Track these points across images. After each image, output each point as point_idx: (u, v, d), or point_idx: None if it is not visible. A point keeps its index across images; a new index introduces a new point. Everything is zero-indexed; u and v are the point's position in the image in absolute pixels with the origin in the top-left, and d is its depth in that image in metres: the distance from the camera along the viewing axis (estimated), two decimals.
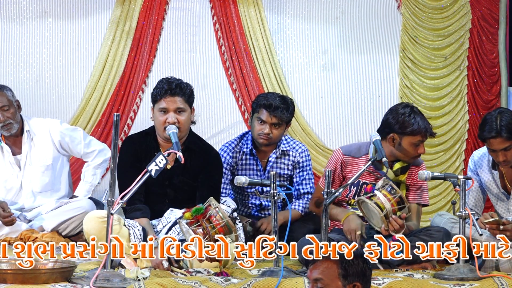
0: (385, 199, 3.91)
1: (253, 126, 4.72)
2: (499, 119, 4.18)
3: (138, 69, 6.32)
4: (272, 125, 4.65)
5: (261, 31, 6.42)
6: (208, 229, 3.64)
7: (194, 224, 3.66)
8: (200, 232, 3.65)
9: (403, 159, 4.30)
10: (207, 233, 3.64)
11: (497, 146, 4.20)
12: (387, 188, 3.97)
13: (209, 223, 3.67)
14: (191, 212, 3.71)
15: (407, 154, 4.28)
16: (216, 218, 3.68)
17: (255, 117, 4.71)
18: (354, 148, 4.42)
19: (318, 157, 6.52)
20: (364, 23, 6.62)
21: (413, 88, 6.66)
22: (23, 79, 6.24)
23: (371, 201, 3.92)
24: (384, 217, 3.90)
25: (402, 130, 4.24)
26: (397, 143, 4.27)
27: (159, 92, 4.28)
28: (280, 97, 4.71)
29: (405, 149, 4.26)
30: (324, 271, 2.92)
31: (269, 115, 4.63)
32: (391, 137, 4.29)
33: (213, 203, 3.72)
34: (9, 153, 5.02)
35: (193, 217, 3.70)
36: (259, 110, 4.66)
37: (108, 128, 6.23)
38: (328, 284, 2.91)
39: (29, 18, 6.23)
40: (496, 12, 6.70)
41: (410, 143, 4.25)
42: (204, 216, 3.67)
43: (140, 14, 6.29)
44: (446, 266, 3.97)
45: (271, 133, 4.64)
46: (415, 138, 4.25)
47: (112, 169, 3.56)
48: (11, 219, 4.69)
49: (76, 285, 3.42)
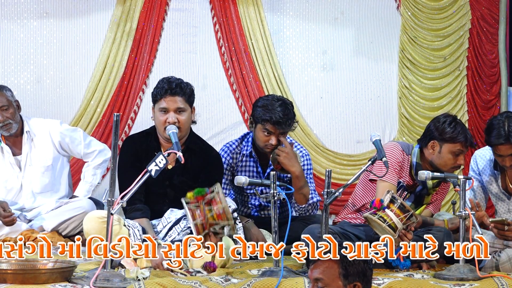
0: (397, 220, 3.84)
1: (258, 136, 4.63)
2: (506, 125, 4.15)
3: (139, 70, 6.32)
4: (279, 134, 4.62)
5: (261, 32, 6.43)
6: (205, 212, 3.66)
7: (193, 205, 3.69)
8: (198, 214, 3.67)
9: (441, 170, 4.29)
10: (204, 218, 3.66)
11: (505, 152, 4.18)
12: (397, 204, 3.87)
13: (208, 206, 3.68)
14: (193, 192, 3.73)
15: (446, 163, 4.26)
16: (216, 205, 3.70)
17: (259, 128, 4.60)
18: (405, 147, 4.44)
19: (317, 158, 6.52)
20: (364, 24, 6.62)
21: (412, 88, 6.67)
22: (24, 80, 6.24)
23: (385, 224, 3.83)
24: (397, 235, 3.87)
25: (442, 136, 4.25)
26: (437, 151, 4.27)
27: (159, 91, 4.28)
28: (281, 107, 4.57)
29: (444, 157, 4.26)
30: (325, 271, 2.91)
31: (275, 128, 4.57)
32: (431, 144, 4.29)
33: (217, 189, 3.73)
34: (9, 154, 5.03)
35: (194, 198, 3.71)
36: (264, 123, 4.58)
37: (109, 129, 6.23)
38: (329, 284, 2.90)
39: (30, 19, 6.23)
40: (496, 12, 6.70)
41: (449, 151, 4.25)
42: (203, 199, 3.69)
43: (141, 15, 6.30)
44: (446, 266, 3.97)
45: (277, 143, 4.61)
46: (455, 146, 4.24)
47: (112, 169, 3.56)
48: (12, 219, 4.69)
49: (76, 285, 3.42)
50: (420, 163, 4.33)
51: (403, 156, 4.36)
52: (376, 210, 3.86)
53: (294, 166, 4.49)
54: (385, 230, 3.82)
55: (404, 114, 6.68)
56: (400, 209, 3.86)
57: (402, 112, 6.69)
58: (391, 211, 3.86)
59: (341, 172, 6.56)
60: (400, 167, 4.34)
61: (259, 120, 4.56)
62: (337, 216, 4.61)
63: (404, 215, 3.85)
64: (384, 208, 3.87)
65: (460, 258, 3.81)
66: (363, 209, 4.38)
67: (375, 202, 3.90)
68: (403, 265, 3.92)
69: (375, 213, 3.87)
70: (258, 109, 4.59)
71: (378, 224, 3.84)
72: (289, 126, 4.59)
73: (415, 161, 4.33)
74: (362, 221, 4.32)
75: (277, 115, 4.51)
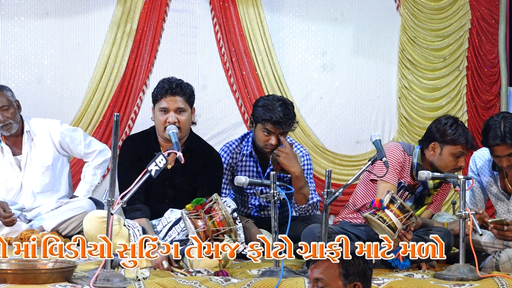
0: (397, 220, 3.84)
1: (258, 136, 4.64)
2: (502, 125, 4.14)
3: (139, 71, 6.33)
4: (279, 134, 4.62)
5: (261, 33, 6.44)
6: (205, 219, 3.65)
7: (193, 215, 3.68)
8: (199, 224, 3.66)
9: (442, 171, 4.28)
10: (205, 226, 3.65)
11: (502, 152, 4.18)
12: (397, 205, 3.86)
13: (208, 215, 3.68)
14: (191, 203, 3.74)
15: (447, 165, 4.27)
16: (216, 212, 3.70)
17: (259, 127, 4.61)
18: (406, 147, 4.44)
19: (317, 158, 6.52)
20: (363, 24, 6.63)
21: (412, 88, 6.67)
22: (25, 81, 6.25)
23: (385, 224, 3.83)
24: (397, 236, 3.87)
25: (443, 138, 4.25)
26: (438, 153, 4.27)
27: (159, 91, 4.28)
28: (281, 107, 4.58)
29: (445, 159, 4.26)
30: (325, 271, 2.91)
31: (276, 128, 4.58)
32: (432, 146, 4.29)
33: (215, 197, 3.73)
34: (10, 154, 5.03)
35: (193, 208, 3.71)
36: (264, 123, 4.59)
37: (109, 129, 6.24)
38: (329, 284, 2.90)
39: (30, 19, 6.24)
40: (495, 12, 6.71)
41: (450, 153, 4.25)
42: (203, 208, 3.69)
43: (141, 15, 6.30)
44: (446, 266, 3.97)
45: (277, 142, 4.61)
46: (456, 148, 4.24)
47: (112, 169, 3.56)
48: (12, 219, 4.69)
49: (76, 285, 3.41)
50: (421, 164, 4.33)
51: (404, 157, 4.35)
52: (375, 210, 3.86)
53: (294, 167, 4.49)
54: (384, 230, 3.82)
55: (404, 114, 6.69)
56: (400, 210, 3.86)
57: (401, 112, 6.69)
58: (391, 211, 3.85)
59: (341, 173, 6.56)
60: (401, 168, 4.33)
61: (259, 119, 4.57)
62: (337, 216, 4.61)
63: (404, 215, 3.85)
64: (383, 208, 3.86)
65: (416, 258, 3.86)
66: (364, 209, 4.38)
67: (374, 202, 3.89)
68: (402, 265, 3.92)
69: (375, 213, 3.86)
70: (258, 109, 4.60)
71: (377, 224, 3.84)
72: (289, 126, 4.59)
73: (416, 162, 4.34)
74: (362, 221, 4.32)
75: (277, 115, 4.51)
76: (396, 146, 4.38)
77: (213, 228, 3.69)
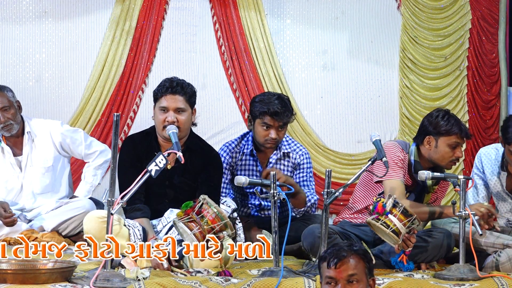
0: (401, 225, 3.79)
1: (257, 132, 4.65)
2: None
3: (138, 69, 6.32)
4: (277, 127, 4.63)
5: (261, 31, 6.43)
6: (199, 220, 3.65)
7: (186, 219, 3.67)
8: (193, 224, 3.65)
9: (440, 165, 4.28)
10: (200, 227, 3.64)
11: None
12: (400, 209, 3.80)
13: (199, 215, 3.67)
14: (181, 209, 3.73)
15: (444, 157, 4.25)
16: (207, 211, 3.69)
17: (258, 122, 4.64)
18: (403, 145, 4.43)
19: (318, 157, 6.52)
20: (364, 23, 6.63)
21: (413, 88, 6.67)
22: (23, 79, 6.24)
23: (389, 229, 3.76)
24: (401, 240, 3.85)
25: (436, 130, 4.24)
26: (434, 146, 4.26)
27: (160, 89, 4.28)
28: (278, 100, 4.62)
29: (441, 151, 4.24)
30: (357, 266, 2.97)
31: (274, 120, 4.59)
32: (427, 140, 4.28)
33: (202, 198, 3.71)
34: (10, 154, 5.02)
35: (184, 213, 3.70)
36: (263, 116, 4.61)
37: (108, 128, 6.23)
38: (361, 279, 2.96)
39: (29, 18, 6.23)
40: (496, 12, 6.71)
41: (446, 144, 4.24)
42: (193, 210, 3.68)
43: (140, 13, 6.30)
44: (446, 266, 3.97)
45: (277, 136, 4.63)
46: (450, 138, 4.23)
47: (112, 169, 3.56)
48: (12, 219, 4.69)
49: (76, 285, 3.41)
50: (418, 161, 4.33)
51: (404, 155, 4.35)
52: (378, 215, 3.82)
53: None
54: (389, 236, 3.79)
55: (405, 113, 6.69)
56: (403, 214, 3.79)
57: (403, 111, 6.69)
58: (394, 216, 3.78)
59: (341, 172, 6.56)
60: (402, 164, 4.33)
61: (257, 114, 4.60)
62: (337, 216, 4.60)
63: (407, 219, 3.79)
64: (387, 213, 3.79)
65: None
66: (365, 210, 4.37)
67: (377, 207, 3.81)
68: (406, 267, 3.91)
69: (378, 219, 3.80)
70: (255, 104, 4.64)
71: (381, 230, 3.80)
72: (287, 117, 4.60)
73: (413, 160, 4.33)
74: (362, 221, 4.32)
75: (274, 107, 4.55)
76: (394, 144, 4.38)
77: (208, 227, 3.67)
